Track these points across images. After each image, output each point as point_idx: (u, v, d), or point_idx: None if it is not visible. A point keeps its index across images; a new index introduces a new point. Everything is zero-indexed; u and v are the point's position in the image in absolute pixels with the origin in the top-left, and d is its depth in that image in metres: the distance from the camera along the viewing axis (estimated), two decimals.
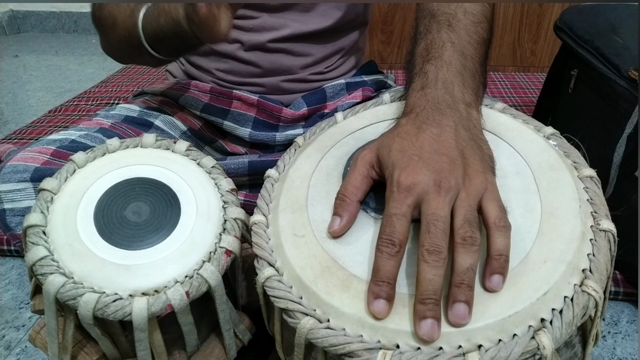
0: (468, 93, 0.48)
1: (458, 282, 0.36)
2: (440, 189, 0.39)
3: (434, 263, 0.36)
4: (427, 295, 0.35)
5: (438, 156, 0.41)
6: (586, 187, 0.43)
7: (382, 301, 0.36)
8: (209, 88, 0.80)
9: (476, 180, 0.40)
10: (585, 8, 1.15)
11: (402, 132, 0.44)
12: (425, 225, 0.38)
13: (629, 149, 0.94)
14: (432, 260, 0.36)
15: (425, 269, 0.36)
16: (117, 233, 0.48)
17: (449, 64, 0.49)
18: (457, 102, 0.46)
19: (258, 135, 0.77)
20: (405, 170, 0.40)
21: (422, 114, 0.45)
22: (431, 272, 0.36)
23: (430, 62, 0.50)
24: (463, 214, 0.38)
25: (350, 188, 0.43)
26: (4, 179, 0.57)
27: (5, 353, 0.91)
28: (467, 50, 0.51)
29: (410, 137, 0.43)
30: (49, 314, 0.46)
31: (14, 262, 1.13)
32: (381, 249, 0.38)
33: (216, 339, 0.54)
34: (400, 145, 0.43)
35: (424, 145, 0.42)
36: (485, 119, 0.51)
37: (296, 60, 0.78)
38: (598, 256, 0.38)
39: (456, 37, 0.51)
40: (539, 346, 0.34)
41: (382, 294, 0.36)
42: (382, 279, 0.37)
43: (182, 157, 0.56)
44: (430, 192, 0.39)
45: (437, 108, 0.45)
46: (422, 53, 0.52)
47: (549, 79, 1.27)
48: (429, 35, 0.53)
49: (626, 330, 0.96)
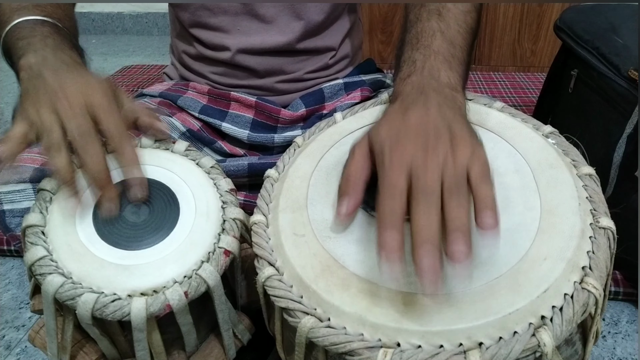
0: (454, 77, 0.48)
1: (452, 220, 0.35)
2: (427, 153, 0.39)
3: (426, 204, 0.36)
4: (424, 240, 0.35)
5: (425, 126, 0.41)
6: (585, 185, 0.43)
7: (392, 231, 0.36)
8: (207, 90, 0.80)
9: (464, 146, 0.40)
10: (585, 8, 1.15)
11: (390, 116, 0.45)
12: (415, 180, 0.37)
13: (629, 149, 0.94)
14: (424, 200, 0.36)
15: (419, 212, 0.36)
16: (115, 233, 0.48)
17: (437, 53, 0.49)
18: (443, 87, 0.47)
19: (256, 137, 0.77)
20: (395, 146, 0.40)
21: (407, 99, 0.46)
22: (424, 216, 0.35)
23: (419, 51, 0.50)
24: (451, 173, 0.38)
25: (354, 168, 0.43)
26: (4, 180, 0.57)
27: (5, 353, 0.91)
28: (456, 40, 0.51)
29: (398, 117, 0.44)
30: (48, 313, 0.46)
31: (14, 262, 1.14)
32: (383, 193, 0.37)
33: (215, 339, 0.54)
34: (389, 126, 0.43)
35: (411, 123, 0.42)
36: (484, 117, 0.51)
37: (288, 60, 0.78)
38: (598, 254, 0.38)
39: (445, 26, 0.52)
40: (540, 343, 0.34)
41: (387, 224, 0.36)
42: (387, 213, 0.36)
43: (181, 157, 0.55)
44: (419, 157, 0.39)
45: (422, 92, 0.46)
46: (412, 41, 0.52)
47: (549, 79, 1.27)
48: (418, 24, 0.53)
49: (626, 330, 0.96)
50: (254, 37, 0.75)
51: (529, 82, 1.98)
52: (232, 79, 0.79)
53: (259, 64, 0.77)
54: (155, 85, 0.85)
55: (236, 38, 0.75)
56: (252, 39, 0.75)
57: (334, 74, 0.83)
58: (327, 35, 0.79)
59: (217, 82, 0.80)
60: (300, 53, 0.78)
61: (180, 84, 0.82)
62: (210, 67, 0.80)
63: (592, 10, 1.13)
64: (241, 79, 0.79)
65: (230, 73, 0.79)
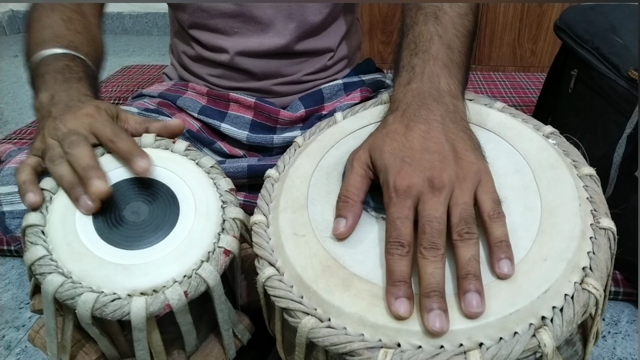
0: (454, 84, 0.48)
1: (464, 274, 0.36)
2: (434, 189, 0.39)
3: (433, 258, 0.37)
4: (431, 288, 0.36)
5: (429, 155, 0.41)
6: (586, 186, 0.43)
7: (403, 300, 0.36)
8: (206, 91, 0.80)
9: (470, 173, 0.41)
10: (585, 8, 1.15)
11: (391, 131, 0.45)
12: (422, 227, 0.38)
13: (629, 149, 0.94)
14: (430, 255, 0.37)
15: (425, 264, 0.37)
16: (115, 233, 0.48)
17: (435, 58, 0.49)
18: (443, 95, 0.47)
19: (256, 138, 0.77)
20: (400, 174, 0.41)
21: (408, 111, 0.46)
22: (431, 266, 0.36)
23: (418, 56, 0.50)
24: (459, 212, 0.39)
25: (352, 189, 0.43)
26: (3, 182, 0.57)
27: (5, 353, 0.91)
28: (454, 43, 0.51)
29: (400, 137, 0.44)
30: (48, 313, 0.46)
31: (14, 262, 1.13)
32: (391, 251, 0.38)
33: (215, 339, 0.54)
34: (391, 147, 0.43)
35: (414, 144, 0.43)
36: (485, 118, 0.51)
37: (286, 62, 0.78)
38: (598, 254, 0.38)
39: (443, 29, 0.52)
40: (540, 344, 0.34)
41: (400, 293, 0.36)
42: (399, 279, 0.37)
43: (181, 157, 0.55)
44: (426, 193, 0.39)
45: (423, 103, 0.46)
46: (410, 46, 0.52)
47: (549, 79, 1.27)
48: (416, 28, 0.53)
49: (626, 330, 0.96)
50: (251, 40, 0.75)
51: (529, 82, 1.99)
52: (230, 81, 0.79)
53: (257, 67, 0.77)
54: (155, 85, 0.85)
55: (234, 40, 0.75)
56: (249, 42, 0.75)
57: (333, 75, 0.83)
58: (325, 36, 0.79)
59: (215, 84, 0.80)
60: (298, 55, 0.78)
61: (180, 85, 0.82)
62: (208, 68, 0.80)
63: (592, 10, 1.13)
64: (239, 82, 0.79)
65: (228, 75, 0.79)
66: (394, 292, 0.37)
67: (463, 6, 0.55)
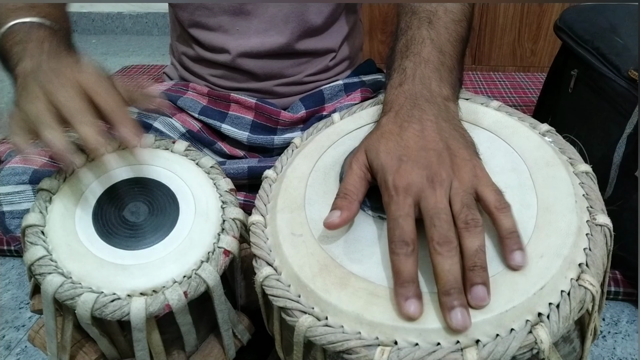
0: (445, 87, 0.49)
1: (471, 265, 0.36)
2: (434, 184, 0.40)
3: (448, 253, 0.36)
4: (451, 286, 0.36)
5: (425, 152, 0.42)
6: (582, 183, 0.44)
7: (413, 300, 0.36)
8: (207, 91, 0.80)
9: (465, 167, 0.41)
10: (585, 8, 1.15)
11: (386, 132, 0.45)
12: (430, 220, 0.38)
13: (629, 149, 0.94)
14: (445, 251, 0.36)
15: (441, 261, 0.36)
16: (115, 233, 0.48)
17: (427, 61, 0.50)
18: (435, 96, 0.47)
19: (256, 138, 0.77)
20: (398, 173, 0.41)
21: (401, 112, 0.46)
22: (447, 262, 0.36)
23: (409, 59, 0.50)
24: (459, 200, 0.39)
25: (351, 187, 0.44)
26: (3, 182, 0.57)
27: (5, 353, 0.91)
28: (446, 48, 0.52)
29: (395, 137, 0.44)
30: (48, 313, 0.47)
31: (14, 262, 1.14)
32: (396, 251, 0.38)
33: (215, 339, 0.54)
34: (386, 146, 0.43)
35: (409, 143, 0.43)
36: (481, 116, 0.51)
37: (288, 63, 0.78)
38: (594, 250, 0.38)
39: (436, 34, 0.52)
40: (537, 340, 0.34)
41: (410, 294, 0.36)
42: (407, 280, 0.37)
43: (180, 157, 0.56)
44: (426, 189, 0.39)
45: (415, 104, 0.46)
46: (402, 49, 0.52)
47: (549, 79, 1.27)
48: (409, 32, 0.53)
49: (626, 330, 0.96)
50: (253, 39, 0.75)
51: (529, 82, 1.98)
52: (232, 81, 0.79)
53: (259, 68, 0.77)
54: (155, 85, 0.85)
55: (235, 40, 0.75)
56: (251, 41, 0.75)
57: (334, 76, 0.83)
58: (326, 36, 0.79)
59: (216, 85, 0.81)
60: (300, 55, 0.78)
61: (180, 85, 0.82)
62: (209, 69, 0.80)
63: (592, 10, 1.13)
64: (240, 82, 0.79)
65: (230, 76, 0.79)
66: (403, 293, 0.36)
67: (457, 12, 0.55)
